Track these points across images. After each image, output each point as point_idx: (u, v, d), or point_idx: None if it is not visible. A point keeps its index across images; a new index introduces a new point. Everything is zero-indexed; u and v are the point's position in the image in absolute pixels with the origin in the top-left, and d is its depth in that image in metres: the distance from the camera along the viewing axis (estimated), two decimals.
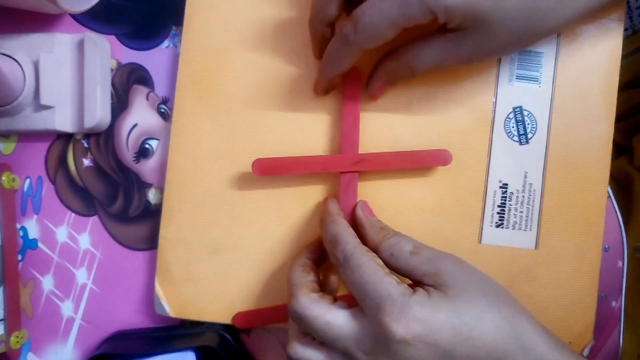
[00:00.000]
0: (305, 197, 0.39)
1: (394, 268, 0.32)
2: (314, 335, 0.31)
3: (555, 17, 0.32)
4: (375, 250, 0.33)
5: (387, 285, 0.30)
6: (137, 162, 0.41)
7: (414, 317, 0.28)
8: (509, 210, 0.38)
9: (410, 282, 0.32)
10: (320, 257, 0.37)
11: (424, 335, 0.28)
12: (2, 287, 0.39)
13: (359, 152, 0.38)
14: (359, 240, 0.33)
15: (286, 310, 0.38)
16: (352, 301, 0.31)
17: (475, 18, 0.31)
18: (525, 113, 0.38)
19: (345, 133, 0.38)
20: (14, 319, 0.40)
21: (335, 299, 0.32)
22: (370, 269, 0.30)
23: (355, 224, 0.36)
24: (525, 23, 0.31)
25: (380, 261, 0.31)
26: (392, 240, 0.33)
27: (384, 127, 0.38)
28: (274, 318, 0.39)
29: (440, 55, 0.33)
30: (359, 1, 0.32)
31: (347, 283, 0.31)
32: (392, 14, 0.31)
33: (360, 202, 0.36)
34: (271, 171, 0.38)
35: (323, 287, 0.36)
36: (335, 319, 0.30)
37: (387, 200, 0.39)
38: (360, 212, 0.36)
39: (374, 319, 0.29)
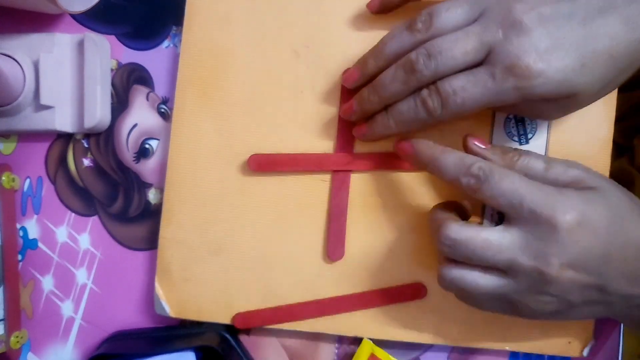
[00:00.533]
0: (305, 198, 0.39)
1: None
2: (470, 258, 0.31)
3: (632, 69, 0.32)
4: None
5: (539, 185, 0.30)
6: (137, 162, 0.41)
7: (576, 206, 0.30)
8: None
9: None
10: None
11: (587, 223, 0.29)
12: (2, 287, 0.39)
13: (356, 151, 0.38)
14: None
15: (286, 311, 0.39)
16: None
17: (567, 95, 0.31)
18: None
19: (340, 132, 0.38)
20: (14, 319, 0.40)
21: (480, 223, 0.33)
22: (516, 175, 0.31)
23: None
24: (610, 80, 0.32)
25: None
26: (522, 161, 0.33)
27: None
28: (273, 318, 0.39)
29: (520, 110, 0.34)
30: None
31: (496, 195, 0.30)
32: (484, 99, 0.31)
33: (469, 138, 0.35)
34: (266, 167, 0.38)
35: None
36: (491, 234, 0.31)
37: (384, 199, 0.39)
38: (474, 146, 0.34)
39: (534, 219, 0.30)
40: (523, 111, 0.35)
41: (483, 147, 0.34)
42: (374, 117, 0.35)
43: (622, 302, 0.31)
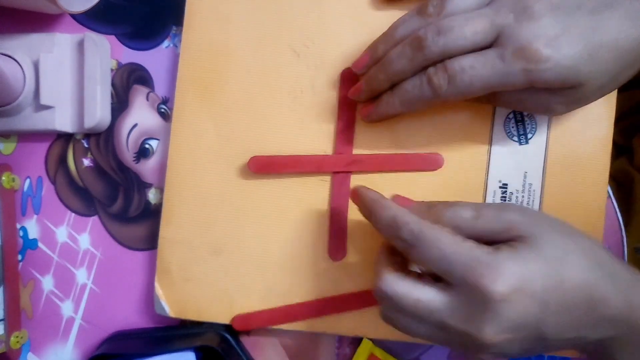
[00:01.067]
0: (305, 198, 0.39)
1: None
2: (403, 313, 0.30)
3: (636, 66, 0.32)
4: None
5: (470, 249, 0.29)
6: (137, 162, 0.41)
7: (507, 272, 0.28)
8: None
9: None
10: None
11: (520, 287, 0.28)
12: (2, 287, 0.39)
13: (356, 152, 0.38)
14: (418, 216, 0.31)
15: (285, 312, 0.39)
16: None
17: (573, 84, 0.31)
18: (525, 113, 0.38)
19: (339, 134, 0.38)
20: (14, 319, 0.40)
21: (420, 276, 0.31)
22: (446, 239, 0.29)
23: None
24: (615, 75, 0.32)
25: (449, 229, 0.30)
26: (449, 214, 0.31)
27: (383, 126, 0.38)
28: (272, 320, 0.39)
29: (524, 100, 0.34)
30: None
31: (425, 261, 0.30)
32: (492, 80, 0.31)
33: (393, 197, 0.35)
34: (266, 168, 0.38)
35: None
36: (424, 294, 0.29)
37: None
38: (403, 210, 0.33)
39: (466, 286, 0.28)
40: (528, 104, 0.34)
41: (408, 206, 0.33)
42: (380, 97, 0.35)
43: (560, 344, 0.30)
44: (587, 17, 0.30)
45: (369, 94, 0.36)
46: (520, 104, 0.34)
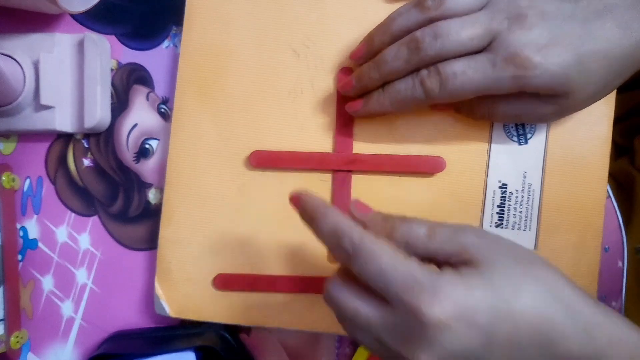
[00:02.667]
0: None
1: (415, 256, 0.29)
2: (342, 319, 0.29)
3: (626, 74, 0.33)
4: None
5: (410, 268, 0.27)
6: (137, 162, 0.41)
7: (447, 297, 0.26)
8: (509, 210, 0.38)
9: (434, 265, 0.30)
10: None
11: (461, 315, 0.26)
12: (2, 287, 0.39)
13: (355, 151, 0.38)
14: (362, 228, 0.30)
15: (268, 280, 0.39)
16: None
17: (563, 92, 0.32)
18: None
19: (339, 133, 0.38)
20: (14, 319, 0.40)
21: (367, 287, 0.29)
22: (386, 255, 0.27)
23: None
24: (604, 83, 0.32)
25: (393, 245, 0.29)
26: (403, 228, 0.30)
27: (383, 126, 0.38)
28: (254, 285, 0.39)
29: (518, 110, 0.34)
30: None
31: (364, 275, 0.28)
32: (482, 85, 0.32)
33: (352, 202, 0.33)
34: (267, 163, 0.38)
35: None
36: (362, 307, 0.28)
37: (384, 199, 0.39)
38: (356, 213, 0.32)
39: (402, 306, 0.27)
40: (522, 116, 0.35)
41: (363, 215, 0.32)
42: (370, 94, 0.36)
43: None
44: (578, 26, 0.31)
45: (359, 90, 0.36)
46: (516, 116, 0.35)
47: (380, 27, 0.35)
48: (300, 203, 0.32)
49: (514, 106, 0.34)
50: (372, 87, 0.35)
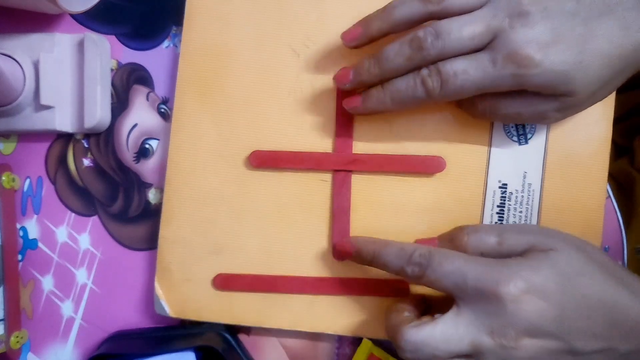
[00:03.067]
0: (306, 198, 0.39)
1: None
2: (435, 356, 0.31)
3: (627, 74, 0.33)
4: None
5: (482, 261, 0.31)
6: (137, 162, 0.41)
7: (518, 276, 0.30)
8: (509, 210, 0.38)
9: None
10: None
11: (532, 289, 0.29)
12: (2, 287, 0.39)
13: (355, 151, 0.38)
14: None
15: (268, 280, 0.39)
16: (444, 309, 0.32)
17: (564, 91, 0.32)
18: None
19: (339, 133, 0.38)
20: (14, 319, 0.40)
21: (432, 316, 0.32)
22: (458, 255, 0.31)
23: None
24: (605, 83, 0.32)
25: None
26: (473, 241, 0.33)
27: (383, 125, 0.38)
28: (255, 285, 0.39)
29: (519, 108, 0.34)
30: None
31: (440, 279, 0.31)
32: (483, 84, 0.32)
33: (416, 242, 0.37)
34: (267, 163, 0.38)
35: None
36: (446, 326, 0.31)
37: (385, 199, 0.39)
38: (409, 243, 0.35)
39: (480, 295, 0.30)
40: (524, 115, 0.34)
41: (433, 244, 0.36)
42: (369, 91, 0.35)
43: (598, 357, 0.31)
44: (581, 25, 0.31)
45: (355, 85, 0.35)
46: (517, 114, 0.34)
47: (379, 14, 0.34)
48: (355, 246, 0.36)
49: (516, 104, 0.34)
50: (369, 83, 0.35)
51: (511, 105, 0.34)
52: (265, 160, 0.38)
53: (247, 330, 0.41)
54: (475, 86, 0.32)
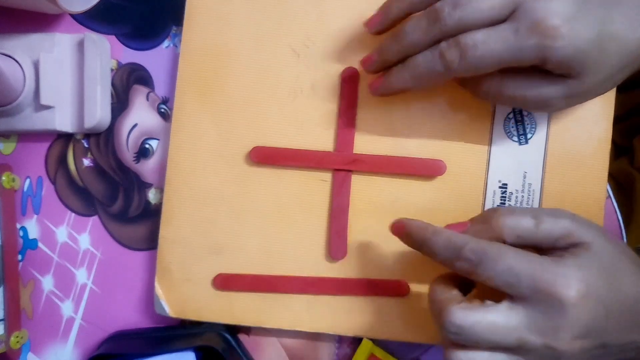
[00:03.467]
0: (306, 198, 0.39)
1: (523, 246, 0.31)
2: (478, 342, 0.30)
3: (633, 67, 0.32)
4: (499, 240, 0.32)
5: (535, 260, 0.30)
6: (137, 162, 0.41)
7: (577, 279, 0.29)
8: None
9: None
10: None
11: (590, 293, 0.29)
12: (2, 287, 0.39)
13: (356, 152, 0.38)
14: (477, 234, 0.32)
15: (268, 280, 0.39)
16: (495, 296, 0.31)
17: (578, 71, 0.31)
18: (525, 113, 0.38)
19: (340, 133, 0.38)
20: (14, 319, 0.40)
21: (482, 301, 0.31)
22: (511, 253, 0.30)
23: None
24: (615, 70, 0.32)
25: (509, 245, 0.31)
26: (509, 223, 0.32)
27: (383, 125, 0.39)
28: (255, 285, 0.39)
29: (525, 89, 0.33)
30: None
31: (492, 277, 0.30)
32: (504, 56, 0.31)
33: (447, 226, 0.34)
34: (268, 159, 0.38)
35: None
36: (498, 316, 0.29)
37: (385, 199, 0.39)
38: (456, 232, 0.33)
39: (538, 295, 0.29)
40: (528, 98, 0.33)
41: (464, 230, 0.34)
42: (390, 70, 0.35)
43: (617, 350, 0.31)
44: (600, 7, 0.30)
45: (380, 64, 0.35)
46: (522, 97, 0.33)
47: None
48: (405, 229, 0.34)
49: (523, 86, 0.33)
50: (392, 61, 0.35)
51: (518, 87, 0.33)
52: (265, 157, 0.38)
53: (247, 330, 0.41)
54: (496, 58, 0.31)
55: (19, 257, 0.41)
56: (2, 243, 0.39)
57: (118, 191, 0.41)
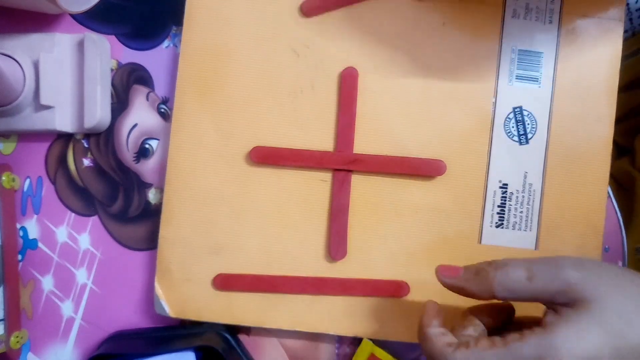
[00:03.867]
0: (306, 198, 0.39)
1: (518, 300, 0.30)
2: None
3: None
4: (490, 297, 0.31)
5: (527, 343, 0.28)
6: (137, 162, 0.41)
7: (569, 354, 0.26)
8: (509, 210, 0.38)
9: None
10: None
11: (592, 356, 0.27)
12: (2, 287, 0.39)
13: (356, 152, 0.38)
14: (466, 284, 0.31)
15: (268, 281, 0.39)
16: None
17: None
18: (525, 113, 0.38)
19: (340, 133, 0.38)
20: (14, 319, 0.40)
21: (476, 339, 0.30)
22: (495, 351, 0.28)
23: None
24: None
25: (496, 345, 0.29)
26: (500, 277, 0.30)
27: (384, 126, 0.38)
28: (255, 285, 0.39)
29: None
30: None
31: None
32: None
33: (438, 269, 0.33)
34: (268, 159, 0.38)
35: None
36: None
37: (384, 199, 0.39)
38: (445, 280, 0.32)
39: None
40: None
41: (453, 278, 0.32)
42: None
43: None
44: None
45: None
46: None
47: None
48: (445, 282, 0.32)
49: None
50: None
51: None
52: (266, 157, 0.38)
53: (247, 330, 0.41)
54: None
55: (19, 257, 0.41)
56: (2, 243, 0.39)
57: (118, 191, 0.41)
